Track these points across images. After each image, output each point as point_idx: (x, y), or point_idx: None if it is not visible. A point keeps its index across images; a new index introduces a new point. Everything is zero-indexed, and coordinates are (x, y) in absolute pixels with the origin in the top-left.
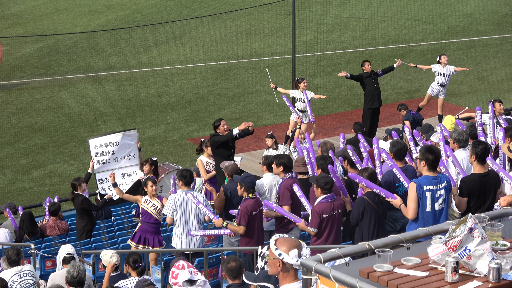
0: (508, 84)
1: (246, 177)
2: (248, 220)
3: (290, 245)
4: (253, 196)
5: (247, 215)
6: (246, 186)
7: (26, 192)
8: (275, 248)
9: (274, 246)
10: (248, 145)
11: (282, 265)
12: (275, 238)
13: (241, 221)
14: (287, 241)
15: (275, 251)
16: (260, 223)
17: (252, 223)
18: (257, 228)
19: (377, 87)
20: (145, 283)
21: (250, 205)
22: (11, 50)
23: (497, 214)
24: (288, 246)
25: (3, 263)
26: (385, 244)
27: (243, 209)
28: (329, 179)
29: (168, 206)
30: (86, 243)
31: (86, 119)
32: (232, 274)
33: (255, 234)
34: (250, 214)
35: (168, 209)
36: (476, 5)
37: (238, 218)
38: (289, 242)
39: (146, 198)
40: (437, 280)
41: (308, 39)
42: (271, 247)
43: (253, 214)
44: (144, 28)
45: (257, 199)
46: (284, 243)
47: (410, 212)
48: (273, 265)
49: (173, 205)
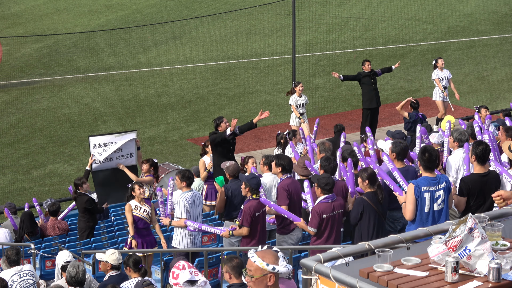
0: (508, 84)
1: (252, 178)
2: (251, 221)
3: (274, 255)
4: (257, 197)
5: (250, 216)
6: (251, 187)
7: (26, 192)
8: (265, 263)
9: (263, 261)
10: (248, 145)
11: (274, 279)
12: (255, 255)
13: (243, 222)
14: (269, 253)
15: (267, 266)
16: (263, 224)
17: (255, 224)
18: (259, 229)
19: (375, 88)
20: (145, 283)
21: (254, 206)
22: (11, 50)
23: (497, 214)
24: (273, 256)
25: (3, 264)
26: (385, 244)
27: (246, 210)
28: (330, 179)
29: (180, 208)
30: (86, 243)
31: (86, 119)
32: (238, 271)
33: (257, 235)
34: (253, 215)
35: (182, 211)
36: (476, 5)
37: (241, 219)
38: (271, 253)
39: (136, 205)
40: (437, 280)
41: (308, 39)
42: (260, 264)
43: (256, 215)
44: (144, 28)
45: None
46: (268, 256)
47: (408, 214)
48: (261, 283)
49: (187, 204)
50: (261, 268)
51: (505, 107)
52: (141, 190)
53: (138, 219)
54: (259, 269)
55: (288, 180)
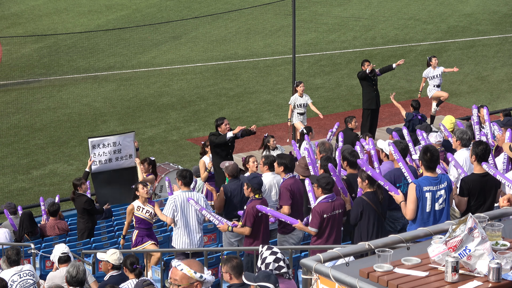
0: (508, 84)
1: (253, 178)
2: (254, 221)
3: (199, 264)
4: (260, 197)
5: (252, 216)
6: (253, 187)
7: (26, 192)
8: (193, 271)
9: (191, 269)
10: (248, 145)
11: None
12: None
13: (246, 222)
14: (195, 262)
15: (195, 274)
16: (266, 224)
17: (257, 224)
18: (262, 229)
19: (375, 89)
20: (145, 283)
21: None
22: (11, 50)
23: (497, 214)
24: (199, 265)
25: (3, 263)
26: (385, 244)
27: (249, 210)
28: (330, 179)
29: (168, 207)
30: (86, 243)
31: (86, 119)
32: (238, 271)
33: (260, 235)
34: (256, 215)
35: (169, 210)
36: (476, 5)
37: (244, 219)
38: (196, 263)
39: (138, 205)
40: (437, 280)
41: (308, 39)
42: (188, 272)
43: (259, 215)
44: (144, 28)
45: (264, 200)
46: (194, 264)
47: (409, 213)
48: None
49: (174, 205)
50: (188, 276)
51: (505, 107)
52: (145, 189)
53: (141, 220)
54: (185, 278)
55: (291, 180)
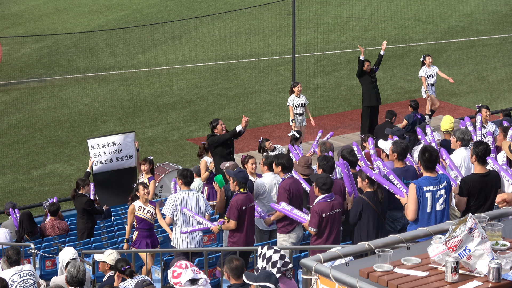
0: (508, 84)
1: (239, 172)
2: (238, 214)
3: None
4: (245, 191)
5: (237, 209)
6: (239, 181)
7: (26, 192)
8: None
9: None
10: (248, 145)
11: None
12: None
13: (231, 215)
14: None
15: None
16: (250, 219)
17: (242, 218)
18: (246, 223)
19: (375, 86)
20: (145, 283)
21: (241, 199)
22: (11, 50)
23: (497, 214)
24: None
25: (3, 263)
26: (385, 244)
27: (233, 203)
28: (328, 179)
29: (168, 206)
30: (86, 243)
31: (86, 119)
32: (237, 273)
33: (244, 228)
34: (240, 208)
35: (168, 209)
36: (476, 5)
37: (228, 212)
38: None
39: (139, 206)
40: (437, 280)
41: (308, 39)
42: None
43: (243, 209)
44: (144, 28)
45: (248, 195)
46: None
47: (410, 214)
48: None
49: (173, 205)
50: None
51: (505, 107)
52: (146, 190)
53: (142, 220)
54: None
55: (289, 180)
